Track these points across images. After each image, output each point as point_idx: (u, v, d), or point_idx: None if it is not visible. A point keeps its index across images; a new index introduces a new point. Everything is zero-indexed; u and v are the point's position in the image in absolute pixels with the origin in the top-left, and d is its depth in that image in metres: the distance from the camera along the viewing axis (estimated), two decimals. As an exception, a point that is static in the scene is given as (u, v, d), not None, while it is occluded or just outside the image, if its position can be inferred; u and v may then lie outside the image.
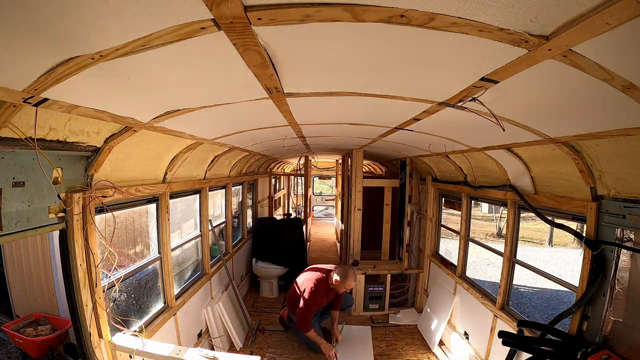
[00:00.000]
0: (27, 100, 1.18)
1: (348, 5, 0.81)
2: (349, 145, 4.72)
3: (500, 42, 0.94)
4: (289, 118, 2.31)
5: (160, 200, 2.89)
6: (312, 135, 3.48)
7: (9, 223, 1.49)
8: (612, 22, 0.76)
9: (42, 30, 0.84)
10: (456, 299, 3.88)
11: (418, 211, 5.13)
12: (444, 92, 1.50)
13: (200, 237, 3.94)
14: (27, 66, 1.00)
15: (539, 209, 2.58)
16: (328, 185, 19.21)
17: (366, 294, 4.76)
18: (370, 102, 1.82)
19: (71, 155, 1.80)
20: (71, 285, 1.90)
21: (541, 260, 11.07)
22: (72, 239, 1.85)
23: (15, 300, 3.90)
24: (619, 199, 1.95)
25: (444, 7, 0.80)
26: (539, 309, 6.97)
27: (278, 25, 0.90)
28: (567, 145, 1.95)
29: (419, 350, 3.88)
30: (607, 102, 1.27)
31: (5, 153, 1.44)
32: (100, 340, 2.01)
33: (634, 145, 1.63)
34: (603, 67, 1.01)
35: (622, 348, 1.87)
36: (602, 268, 2.02)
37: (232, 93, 1.60)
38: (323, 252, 8.67)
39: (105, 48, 0.96)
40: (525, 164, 2.59)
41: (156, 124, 1.85)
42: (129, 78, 1.24)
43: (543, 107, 1.53)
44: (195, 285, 3.60)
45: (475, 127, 2.11)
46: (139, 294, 2.79)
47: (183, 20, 0.85)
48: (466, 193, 3.83)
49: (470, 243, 3.95)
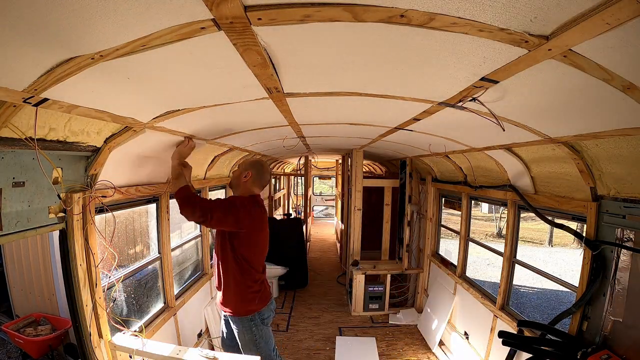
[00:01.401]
0: (27, 100, 1.18)
1: (348, 5, 0.81)
2: (349, 145, 4.72)
3: (500, 42, 0.94)
4: (289, 118, 2.31)
5: (160, 200, 2.89)
6: (312, 135, 3.48)
7: (9, 223, 1.49)
8: (612, 22, 0.76)
9: (42, 30, 0.84)
10: (456, 299, 3.88)
11: (418, 211, 5.13)
12: (444, 92, 1.50)
13: (200, 237, 3.94)
14: (27, 66, 1.00)
15: (539, 209, 2.58)
16: (328, 185, 19.21)
17: (366, 294, 4.76)
18: (370, 102, 1.82)
19: (71, 155, 1.80)
20: (71, 285, 1.89)
21: (541, 260, 11.07)
22: (72, 239, 1.85)
23: (15, 300, 3.90)
24: (619, 199, 1.95)
25: (444, 7, 0.80)
26: (539, 309, 6.97)
27: (278, 25, 0.90)
28: (567, 145, 1.95)
29: (419, 350, 3.89)
30: (607, 102, 1.27)
31: (5, 153, 1.44)
32: (100, 340, 2.01)
33: (634, 145, 1.63)
34: (603, 67, 1.01)
35: (622, 348, 1.87)
36: (602, 268, 2.02)
37: (232, 93, 1.60)
38: (323, 252, 8.67)
39: (105, 48, 0.96)
40: (525, 164, 2.59)
41: (156, 123, 1.85)
42: (129, 78, 1.24)
43: (543, 107, 1.53)
44: (196, 285, 3.60)
45: (475, 127, 2.11)
46: (139, 294, 2.79)
47: (183, 20, 0.85)
48: (466, 193, 3.82)
49: (470, 243, 3.95)
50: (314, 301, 5.33)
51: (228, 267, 2.19)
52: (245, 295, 2.21)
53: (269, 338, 2.35)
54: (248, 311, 2.21)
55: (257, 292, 2.24)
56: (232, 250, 2.16)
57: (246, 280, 2.20)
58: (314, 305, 5.18)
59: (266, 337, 2.30)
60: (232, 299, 2.22)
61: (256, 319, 2.23)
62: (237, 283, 2.20)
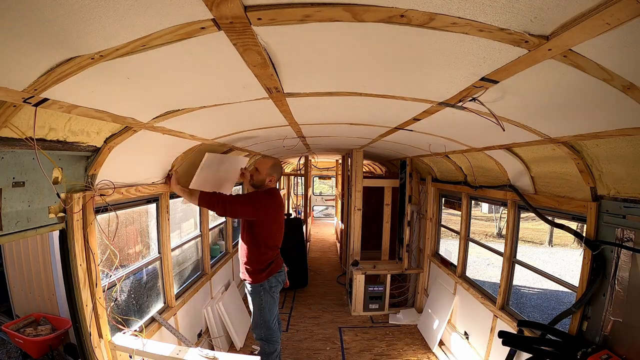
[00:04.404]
0: (27, 100, 1.18)
1: (348, 5, 0.81)
2: (349, 145, 4.72)
3: (500, 42, 0.94)
4: (289, 118, 2.31)
5: (160, 200, 2.89)
6: (312, 135, 3.48)
7: (9, 223, 1.49)
8: (612, 22, 0.76)
9: (42, 30, 0.84)
10: (456, 299, 3.88)
11: (418, 211, 5.13)
12: (444, 92, 1.50)
13: (200, 237, 3.94)
14: (27, 66, 1.00)
15: (539, 209, 2.58)
16: (328, 185, 19.20)
17: (366, 294, 4.76)
18: (370, 102, 1.82)
19: (71, 155, 1.80)
20: (71, 285, 1.89)
21: (541, 260, 11.08)
22: (72, 239, 1.85)
23: (15, 300, 3.90)
24: (619, 199, 1.95)
25: (444, 7, 0.80)
26: (539, 309, 6.98)
27: (278, 25, 0.90)
28: (567, 145, 1.95)
29: (419, 350, 3.89)
30: (607, 102, 1.27)
31: (5, 153, 1.44)
32: (100, 340, 2.01)
33: (634, 145, 1.64)
34: (603, 67, 1.01)
35: (622, 348, 1.87)
36: (602, 268, 2.02)
37: (232, 93, 1.60)
38: (323, 252, 8.67)
39: (105, 48, 0.96)
40: (525, 164, 2.59)
41: (156, 123, 1.85)
42: (129, 78, 1.24)
43: (543, 107, 1.53)
44: (196, 285, 3.60)
45: (475, 127, 2.11)
46: (139, 294, 2.79)
47: (183, 20, 0.85)
48: (466, 193, 3.82)
49: (470, 243, 3.95)
50: (314, 301, 5.33)
51: (246, 246, 2.75)
52: (260, 266, 2.74)
53: (273, 307, 2.85)
54: (260, 279, 2.74)
55: (267, 266, 2.76)
56: (251, 234, 2.71)
57: (260, 256, 2.74)
58: (314, 305, 5.18)
59: (270, 305, 2.81)
60: (249, 269, 2.75)
61: (265, 285, 2.76)
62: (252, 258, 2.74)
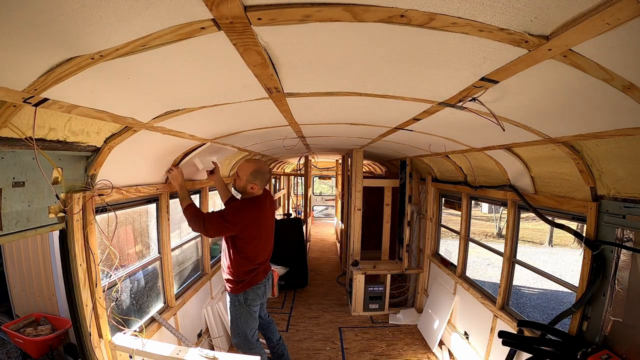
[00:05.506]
0: (27, 100, 1.18)
1: (348, 5, 0.81)
2: (349, 145, 4.72)
3: (500, 42, 0.94)
4: (289, 118, 2.31)
5: (160, 200, 2.89)
6: (312, 135, 3.47)
7: (9, 223, 1.49)
8: (612, 22, 0.76)
9: (42, 30, 0.84)
10: (456, 299, 3.88)
11: (418, 211, 5.13)
12: (444, 92, 1.50)
13: (200, 237, 3.94)
14: (26, 66, 1.00)
15: (539, 209, 2.58)
16: (328, 185, 19.21)
17: (366, 294, 4.76)
18: (370, 102, 1.82)
19: (71, 155, 1.80)
20: (71, 285, 1.89)
21: (541, 260, 11.08)
22: (72, 239, 1.85)
23: (15, 300, 3.90)
24: (619, 199, 1.95)
25: (444, 7, 0.80)
26: (539, 309, 6.98)
27: (278, 25, 0.90)
28: (567, 145, 1.95)
29: (419, 350, 3.89)
30: (607, 102, 1.27)
31: (5, 153, 1.44)
32: (100, 340, 2.01)
33: (634, 145, 1.63)
34: (603, 67, 1.01)
35: (622, 348, 1.87)
36: (602, 268, 2.02)
37: (232, 93, 1.60)
38: (323, 252, 8.67)
39: (105, 48, 0.96)
40: (525, 164, 2.59)
41: (156, 123, 1.85)
42: (129, 78, 1.24)
43: (543, 107, 1.53)
44: (196, 285, 3.60)
45: (475, 127, 2.11)
46: (139, 294, 2.79)
47: (183, 20, 0.85)
48: (466, 193, 3.82)
49: (470, 243, 3.95)
50: (314, 301, 5.33)
51: (228, 256, 2.70)
52: (236, 278, 2.69)
53: (250, 319, 2.74)
54: (236, 290, 2.70)
55: (247, 278, 2.68)
56: (233, 245, 2.65)
57: (237, 267, 2.67)
58: (314, 305, 5.18)
59: (246, 317, 2.72)
60: (228, 278, 2.72)
61: (240, 298, 2.70)
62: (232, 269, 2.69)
